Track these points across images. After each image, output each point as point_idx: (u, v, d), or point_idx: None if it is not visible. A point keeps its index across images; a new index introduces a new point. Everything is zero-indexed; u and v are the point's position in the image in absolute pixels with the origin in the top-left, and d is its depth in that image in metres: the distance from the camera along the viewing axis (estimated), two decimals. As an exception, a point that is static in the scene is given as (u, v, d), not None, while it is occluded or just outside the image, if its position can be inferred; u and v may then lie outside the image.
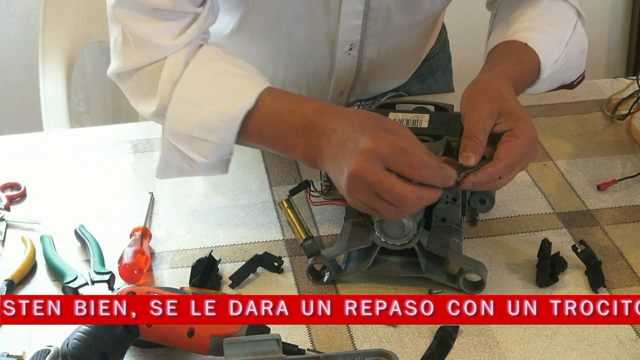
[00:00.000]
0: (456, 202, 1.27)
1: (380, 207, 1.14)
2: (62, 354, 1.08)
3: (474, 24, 2.55)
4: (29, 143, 1.58)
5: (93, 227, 1.35)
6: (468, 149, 1.19)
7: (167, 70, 1.27)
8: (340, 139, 1.16)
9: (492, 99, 1.23)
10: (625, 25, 3.10)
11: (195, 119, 1.26)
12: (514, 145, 1.19)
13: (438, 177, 1.14)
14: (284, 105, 1.24)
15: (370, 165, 1.13)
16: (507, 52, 1.36)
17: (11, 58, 2.70)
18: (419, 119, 1.29)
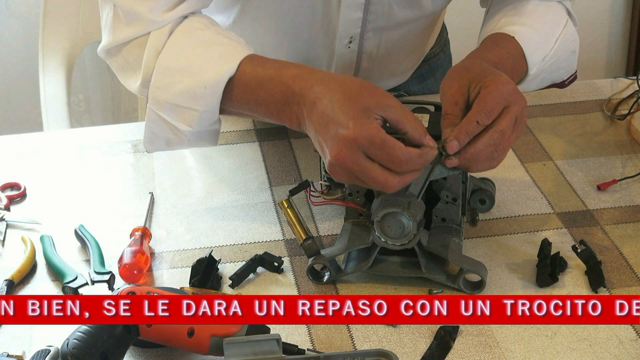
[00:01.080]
0: (456, 202, 1.27)
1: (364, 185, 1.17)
2: (62, 354, 1.08)
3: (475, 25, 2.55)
4: (29, 143, 1.58)
5: (93, 227, 1.35)
6: (444, 126, 1.19)
7: (151, 41, 1.28)
8: (322, 116, 1.16)
9: (458, 75, 1.23)
10: (625, 25, 3.10)
11: (178, 87, 1.27)
12: (484, 94, 1.18)
13: (419, 164, 1.15)
14: (264, 72, 1.24)
15: (352, 154, 1.13)
16: (493, 44, 1.35)
17: (11, 58, 2.70)
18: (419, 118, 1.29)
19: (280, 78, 1.22)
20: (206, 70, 1.26)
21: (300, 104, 1.19)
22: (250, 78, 1.24)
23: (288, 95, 1.21)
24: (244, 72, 1.25)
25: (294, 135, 1.57)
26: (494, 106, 1.18)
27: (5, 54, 2.70)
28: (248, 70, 1.25)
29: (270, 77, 1.23)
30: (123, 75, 1.34)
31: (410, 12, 1.47)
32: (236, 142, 1.55)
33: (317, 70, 1.22)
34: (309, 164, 1.50)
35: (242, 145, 1.55)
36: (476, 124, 1.17)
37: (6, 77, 2.73)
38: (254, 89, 1.24)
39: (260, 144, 1.55)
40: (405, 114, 1.16)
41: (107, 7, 1.31)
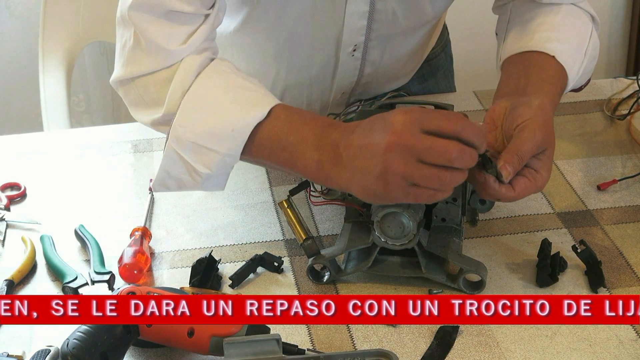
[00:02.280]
0: (456, 202, 1.27)
1: (422, 174, 1.10)
2: (62, 354, 1.08)
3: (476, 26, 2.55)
4: (29, 143, 1.58)
5: (93, 227, 1.35)
6: (511, 164, 1.17)
7: (178, 77, 1.25)
8: (363, 133, 1.13)
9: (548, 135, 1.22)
10: (625, 25, 3.10)
11: (203, 126, 1.23)
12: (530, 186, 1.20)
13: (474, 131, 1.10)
14: (298, 117, 1.21)
15: (407, 129, 1.09)
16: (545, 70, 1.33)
17: (11, 58, 2.70)
18: None
19: (315, 122, 1.20)
20: (236, 112, 1.22)
21: (336, 142, 1.16)
22: (282, 123, 1.21)
23: (323, 136, 1.18)
24: (277, 117, 1.22)
25: (294, 135, 1.57)
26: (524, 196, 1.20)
27: (5, 54, 2.70)
28: (282, 116, 1.22)
29: (305, 121, 1.20)
30: (137, 108, 1.31)
31: (413, 19, 1.47)
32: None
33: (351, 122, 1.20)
34: (309, 164, 1.50)
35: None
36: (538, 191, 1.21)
37: (6, 77, 2.73)
38: (284, 133, 1.21)
39: (260, 144, 1.55)
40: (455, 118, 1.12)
41: (127, 33, 1.27)
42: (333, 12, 1.41)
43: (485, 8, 1.52)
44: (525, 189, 1.20)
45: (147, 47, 1.25)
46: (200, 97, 1.24)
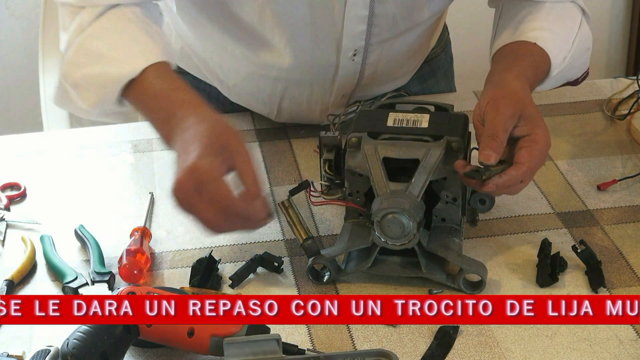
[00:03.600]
0: (456, 202, 1.27)
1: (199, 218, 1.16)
2: (62, 354, 1.08)
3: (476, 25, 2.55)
4: (29, 143, 1.58)
5: (93, 227, 1.35)
6: (488, 148, 1.19)
7: (80, 16, 1.33)
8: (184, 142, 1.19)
9: (515, 101, 1.24)
10: (625, 25, 3.10)
11: (86, 70, 1.32)
12: (534, 151, 1.22)
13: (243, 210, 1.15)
14: (160, 85, 1.28)
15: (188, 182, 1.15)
16: (521, 53, 1.36)
17: (11, 58, 2.70)
18: (419, 119, 1.29)
19: (169, 98, 1.26)
20: (113, 65, 1.30)
21: (174, 129, 1.23)
22: (147, 87, 1.29)
23: (170, 115, 1.24)
24: (145, 79, 1.29)
25: (294, 135, 1.57)
26: (537, 165, 1.23)
27: (5, 54, 2.70)
28: (148, 79, 1.29)
29: (163, 95, 1.27)
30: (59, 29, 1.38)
31: (411, 21, 1.47)
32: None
33: (202, 104, 1.25)
34: (309, 164, 1.50)
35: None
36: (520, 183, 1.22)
37: (6, 77, 2.73)
38: (147, 98, 1.29)
39: (260, 144, 1.55)
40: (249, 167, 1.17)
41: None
42: (332, 18, 1.40)
43: (486, 8, 1.52)
44: (530, 155, 1.21)
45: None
46: (91, 40, 1.33)
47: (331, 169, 1.30)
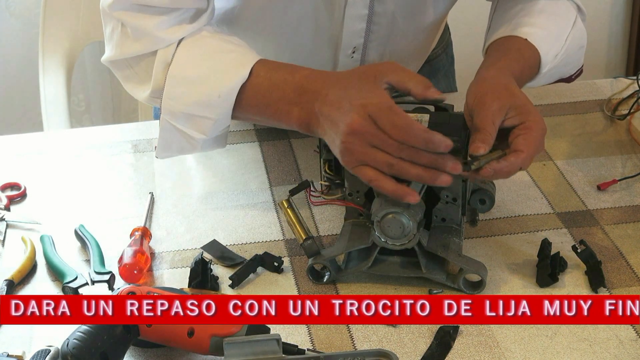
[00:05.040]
0: (456, 202, 1.27)
1: (376, 159, 1.16)
2: (62, 354, 1.08)
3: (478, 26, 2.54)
4: (29, 143, 1.58)
5: (93, 227, 1.35)
6: (477, 140, 1.19)
7: (160, 54, 1.30)
8: (334, 99, 1.19)
9: (500, 94, 1.24)
10: (625, 25, 3.10)
11: (191, 96, 1.29)
12: (530, 137, 1.21)
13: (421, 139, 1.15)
14: (277, 75, 1.27)
15: (364, 120, 1.15)
16: (508, 48, 1.36)
17: (11, 58, 2.70)
18: (419, 119, 1.29)
19: (292, 78, 1.25)
20: (219, 79, 1.28)
21: (312, 100, 1.22)
22: (263, 81, 1.27)
23: (301, 92, 1.23)
24: (258, 75, 1.27)
25: (293, 135, 1.57)
26: (535, 152, 1.21)
27: (5, 54, 2.70)
28: (261, 74, 1.27)
29: (284, 79, 1.26)
30: (130, 85, 1.36)
31: (414, 23, 1.47)
32: (236, 142, 1.55)
33: (327, 71, 1.26)
34: (309, 164, 1.50)
35: (242, 145, 1.55)
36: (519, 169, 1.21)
37: (6, 77, 2.73)
38: (267, 91, 1.26)
39: (260, 144, 1.55)
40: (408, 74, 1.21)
41: (112, 23, 1.32)
42: (332, 15, 1.41)
43: (486, 8, 1.52)
44: (528, 141, 1.21)
45: (134, 34, 1.30)
46: (182, 68, 1.30)
47: (331, 169, 1.30)
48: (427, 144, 1.15)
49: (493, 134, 1.20)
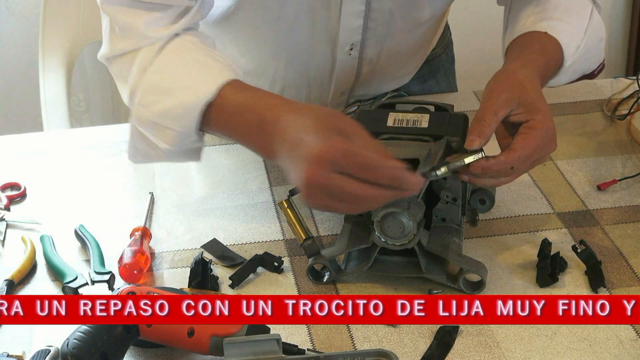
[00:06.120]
0: (456, 202, 1.27)
1: (341, 207, 1.14)
2: (62, 354, 1.08)
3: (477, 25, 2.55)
4: (29, 143, 1.58)
5: (93, 227, 1.35)
6: (474, 132, 1.18)
7: (140, 57, 1.29)
8: (292, 142, 1.14)
9: (511, 87, 1.23)
10: (625, 25, 3.10)
11: (160, 106, 1.28)
12: (530, 137, 1.20)
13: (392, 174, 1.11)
14: (242, 99, 1.24)
15: (323, 170, 1.09)
16: (529, 42, 1.35)
17: (11, 58, 2.70)
18: (419, 119, 1.29)
19: (255, 107, 1.22)
20: (187, 92, 1.26)
21: (272, 133, 1.18)
22: (228, 104, 1.24)
23: (262, 124, 1.20)
24: (224, 97, 1.24)
25: (294, 135, 1.57)
26: (532, 153, 1.20)
27: (5, 54, 2.70)
28: (227, 96, 1.24)
29: (247, 106, 1.23)
30: (119, 83, 1.35)
31: (411, 20, 1.47)
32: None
33: (291, 101, 1.22)
34: (309, 164, 1.50)
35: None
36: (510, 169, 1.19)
37: (6, 77, 2.73)
38: (231, 115, 1.24)
39: (260, 144, 1.55)
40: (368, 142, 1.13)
41: (106, 18, 1.33)
42: (329, 12, 1.41)
43: (488, 9, 1.52)
44: (525, 141, 1.19)
45: (121, 31, 1.31)
46: (157, 76, 1.29)
47: (331, 169, 1.30)
48: (396, 182, 1.11)
49: (492, 125, 1.19)
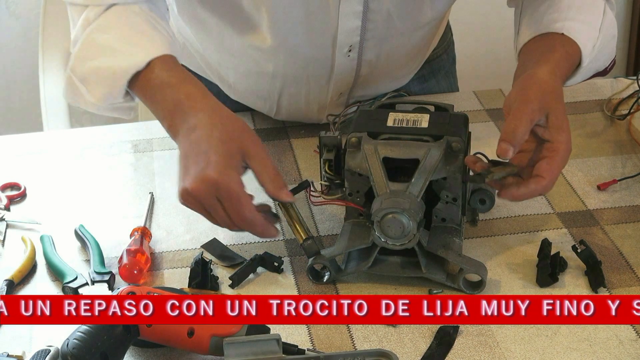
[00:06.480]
0: (456, 202, 1.27)
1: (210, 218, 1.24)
2: (62, 354, 1.08)
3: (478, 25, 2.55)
4: (29, 143, 1.58)
5: (93, 227, 1.35)
6: (507, 141, 1.19)
7: (86, 12, 1.36)
8: (195, 144, 1.23)
9: (544, 92, 1.23)
10: (625, 25, 3.10)
11: (92, 64, 1.34)
12: (555, 162, 1.21)
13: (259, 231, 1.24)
14: (167, 77, 1.30)
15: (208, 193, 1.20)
16: (551, 46, 1.34)
17: (11, 58, 2.70)
18: (419, 119, 1.29)
19: (176, 89, 1.29)
20: (120, 58, 1.32)
21: (182, 122, 1.26)
22: (153, 78, 1.30)
23: (176, 107, 1.27)
24: (152, 70, 1.31)
25: (294, 135, 1.57)
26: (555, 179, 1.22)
27: (5, 54, 2.70)
28: (155, 71, 1.31)
29: (170, 85, 1.29)
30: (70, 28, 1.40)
31: (410, 22, 1.46)
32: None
33: (210, 97, 1.29)
34: (309, 164, 1.50)
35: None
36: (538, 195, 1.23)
37: (6, 77, 2.73)
38: (153, 89, 1.30)
39: (260, 144, 1.55)
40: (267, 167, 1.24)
41: None
42: (327, 13, 1.40)
43: (488, 9, 1.52)
44: (552, 167, 1.21)
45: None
46: (97, 33, 1.35)
47: (331, 169, 1.30)
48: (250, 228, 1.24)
49: (525, 134, 1.20)
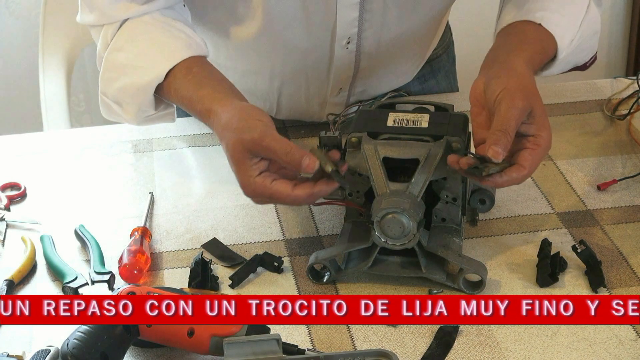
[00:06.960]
0: (456, 202, 1.27)
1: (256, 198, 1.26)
2: (62, 354, 1.08)
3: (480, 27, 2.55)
4: (29, 143, 1.58)
5: (93, 227, 1.35)
6: (498, 145, 1.19)
7: (103, 33, 1.39)
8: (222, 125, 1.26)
9: (529, 97, 1.23)
10: (625, 25, 3.10)
11: (117, 84, 1.38)
12: (537, 154, 1.22)
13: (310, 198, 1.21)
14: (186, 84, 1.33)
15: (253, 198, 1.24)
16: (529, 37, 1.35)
17: (11, 58, 2.70)
18: (418, 119, 1.29)
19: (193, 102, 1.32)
20: (139, 74, 1.36)
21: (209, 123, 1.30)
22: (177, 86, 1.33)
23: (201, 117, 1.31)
24: (171, 82, 1.34)
25: (294, 135, 1.57)
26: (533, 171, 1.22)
27: (6, 54, 2.70)
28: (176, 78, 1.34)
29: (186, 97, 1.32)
30: None
31: (408, 12, 1.46)
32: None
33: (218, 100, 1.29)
34: (309, 164, 1.49)
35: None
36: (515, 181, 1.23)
37: (6, 77, 2.73)
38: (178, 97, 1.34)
39: (260, 144, 1.55)
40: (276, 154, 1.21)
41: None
42: (325, 5, 1.41)
43: (489, 9, 1.52)
44: (533, 159, 1.21)
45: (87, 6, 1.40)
46: (116, 53, 1.38)
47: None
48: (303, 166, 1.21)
49: (513, 137, 1.20)
